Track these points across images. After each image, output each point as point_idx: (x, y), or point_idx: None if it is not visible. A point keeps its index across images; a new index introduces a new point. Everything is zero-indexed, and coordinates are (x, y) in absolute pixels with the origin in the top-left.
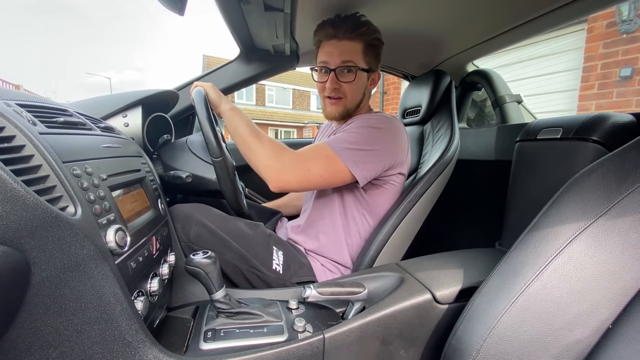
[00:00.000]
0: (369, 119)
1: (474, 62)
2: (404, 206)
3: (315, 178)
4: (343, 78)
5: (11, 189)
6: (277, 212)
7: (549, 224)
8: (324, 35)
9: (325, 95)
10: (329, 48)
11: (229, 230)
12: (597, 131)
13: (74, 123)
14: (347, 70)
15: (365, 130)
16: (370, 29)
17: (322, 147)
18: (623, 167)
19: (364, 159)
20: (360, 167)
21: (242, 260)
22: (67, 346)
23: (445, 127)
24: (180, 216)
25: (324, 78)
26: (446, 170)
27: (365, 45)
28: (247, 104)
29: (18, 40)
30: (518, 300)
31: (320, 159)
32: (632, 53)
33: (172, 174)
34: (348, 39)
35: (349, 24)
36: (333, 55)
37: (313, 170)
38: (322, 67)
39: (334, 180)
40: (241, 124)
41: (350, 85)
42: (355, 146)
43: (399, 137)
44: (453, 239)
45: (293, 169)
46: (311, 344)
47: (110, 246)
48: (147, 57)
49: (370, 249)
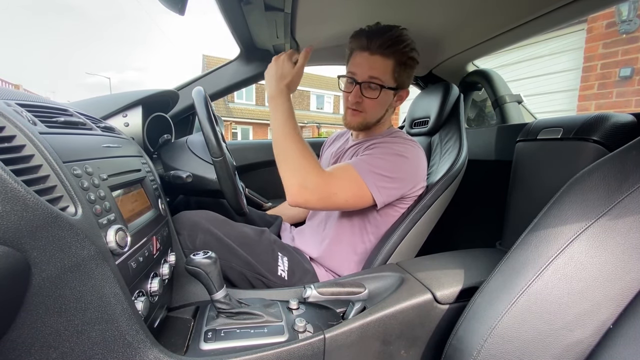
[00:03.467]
0: (395, 144)
1: (474, 62)
2: (412, 217)
3: (339, 201)
4: (367, 93)
5: (11, 189)
6: (277, 217)
7: (549, 224)
8: (358, 45)
9: (348, 105)
10: (359, 60)
11: (235, 236)
12: (598, 131)
13: (74, 123)
14: (373, 87)
15: (392, 157)
16: (407, 47)
17: (348, 169)
18: (623, 167)
19: (387, 185)
20: (382, 192)
21: (247, 266)
22: (67, 347)
23: (454, 140)
24: (187, 223)
25: (349, 88)
26: (454, 182)
27: (397, 63)
28: (247, 104)
29: (18, 40)
30: (519, 300)
31: (346, 183)
32: (632, 53)
33: (173, 174)
34: (380, 55)
35: (385, 38)
36: (362, 68)
37: (340, 194)
38: (350, 77)
39: (357, 203)
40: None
41: (373, 102)
42: (380, 171)
43: (421, 166)
44: (454, 239)
45: (319, 191)
46: (312, 344)
47: (111, 246)
48: (147, 57)
49: (376, 261)
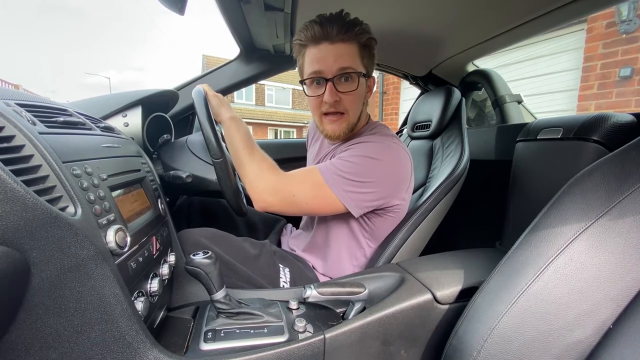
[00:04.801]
0: (368, 145)
1: (474, 62)
2: (413, 221)
3: (301, 204)
4: (342, 88)
5: (11, 189)
6: (280, 218)
7: (549, 224)
8: (311, 38)
9: (323, 111)
10: (320, 53)
11: (236, 253)
12: (598, 131)
13: (73, 123)
14: (346, 78)
15: (362, 159)
16: (363, 28)
17: (312, 172)
18: (624, 167)
19: (358, 190)
20: (352, 197)
21: (249, 281)
22: (66, 347)
23: (456, 144)
24: (188, 242)
25: (318, 91)
26: (456, 186)
27: (360, 47)
28: (247, 104)
29: (17, 40)
30: (519, 300)
31: (307, 185)
32: (632, 53)
33: (172, 174)
34: (342, 41)
35: (341, 23)
36: (327, 61)
37: (299, 195)
38: (316, 77)
39: (322, 208)
40: (237, 136)
41: (352, 97)
42: (348, 176)
43: (398, 168)
44: (454, 239)
45: (278, 191)
46: (312, 344)
47: (110, 246)
48: (147, 57)
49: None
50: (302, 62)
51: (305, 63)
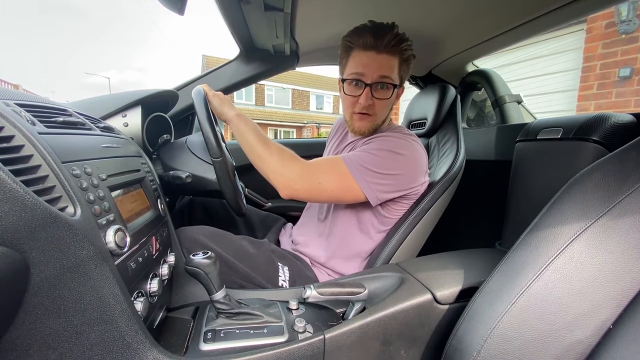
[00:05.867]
0: (391, 140)
1: (473, 62)
2: (411, 220)
3: (325, 192)
4: (378, 94)
5: (10, 189)
6: (279, 218)
7: (549, 224)
8: (361, 43)
9: (356, 111)
10: (366, 60)
11: (234, 251)
12: (598, 131)
13: (73, 123)
14: (382, 86)
15: (386, 153)
16: (408, 44)
17: (337, 162)
18: (623, 167)
19: (379, 181)
20: (373, 188)
21: (248, 280)
22: (66, 347)
23: (451, 142)
24: (186, 240)
25: (356, 92)
26: (452, 185)
27: (401, 61)
28: (247, 104)
29: (17, 39)
30: (519, 301)
31: (333, 174)
32: (631, 53)
33: (172, 174)
34: (387, 53)
35: (391, 36)
36: (370, 68)
37: (324, 184)
38: (356, 79)
39: (344, 197)
40: (247, 132)
41: (383, 103)
42: (372, 167)
43: (419, 163)
44: (453, 239)
45: (304, 179)
46: (312, 344)
47: (110, 247)
48: (147, 58)
49: (376, 264)
50: (345, 62)
51: (349, 63)
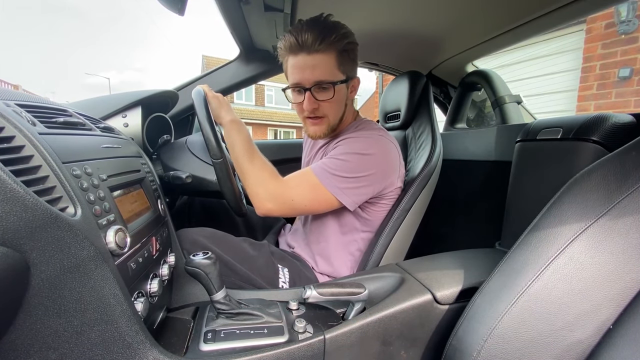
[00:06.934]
0: (358, 141)
1: (473, 62)
2: (396, 217)
3: (299, 206)
4: (320, 96)
5: (11, 190)
6: (279, 219)
7: (549, 224)
8: (289, 49)
9: (305, 116)
10: (298, 64)
11: (235, 252)
12: (597, 131)
13: (73, 123)
14: (323, 87)
15: (353, 156)
16: (341, 33)
17: (307, 174)
18: (623, 167)
19: (352, 185)
20: (346, 193)
21: (248, 281)
22: (66, 348)
23: (427, 133)
24: (186, 241)
25: (299, 98)
26: (432, 177)
27: (338, 55)
28: (247, 104)
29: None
30: (519, 301)
31: (305, 188)
32: (631, 53)
33: (172, 175)
34: (318, 52)
35: (317, 32)
36: (304, 72)
37: (297, 199)
38: (295, 86)
39: (320, 208)
40: (237, 141)
41: (330, 103)
42: (342, 174)
43: (389, 160)
44: (453, 240)
45: (276, 198)
46: (312, 344)
47: (110, 247)
48: (147, 58)
49: (369, 261)
50: (285, 69)
51: (287, 71)
